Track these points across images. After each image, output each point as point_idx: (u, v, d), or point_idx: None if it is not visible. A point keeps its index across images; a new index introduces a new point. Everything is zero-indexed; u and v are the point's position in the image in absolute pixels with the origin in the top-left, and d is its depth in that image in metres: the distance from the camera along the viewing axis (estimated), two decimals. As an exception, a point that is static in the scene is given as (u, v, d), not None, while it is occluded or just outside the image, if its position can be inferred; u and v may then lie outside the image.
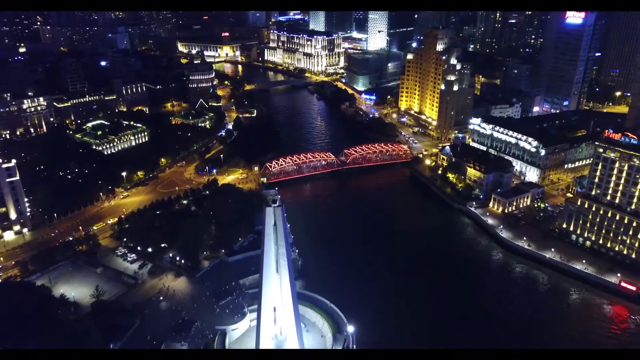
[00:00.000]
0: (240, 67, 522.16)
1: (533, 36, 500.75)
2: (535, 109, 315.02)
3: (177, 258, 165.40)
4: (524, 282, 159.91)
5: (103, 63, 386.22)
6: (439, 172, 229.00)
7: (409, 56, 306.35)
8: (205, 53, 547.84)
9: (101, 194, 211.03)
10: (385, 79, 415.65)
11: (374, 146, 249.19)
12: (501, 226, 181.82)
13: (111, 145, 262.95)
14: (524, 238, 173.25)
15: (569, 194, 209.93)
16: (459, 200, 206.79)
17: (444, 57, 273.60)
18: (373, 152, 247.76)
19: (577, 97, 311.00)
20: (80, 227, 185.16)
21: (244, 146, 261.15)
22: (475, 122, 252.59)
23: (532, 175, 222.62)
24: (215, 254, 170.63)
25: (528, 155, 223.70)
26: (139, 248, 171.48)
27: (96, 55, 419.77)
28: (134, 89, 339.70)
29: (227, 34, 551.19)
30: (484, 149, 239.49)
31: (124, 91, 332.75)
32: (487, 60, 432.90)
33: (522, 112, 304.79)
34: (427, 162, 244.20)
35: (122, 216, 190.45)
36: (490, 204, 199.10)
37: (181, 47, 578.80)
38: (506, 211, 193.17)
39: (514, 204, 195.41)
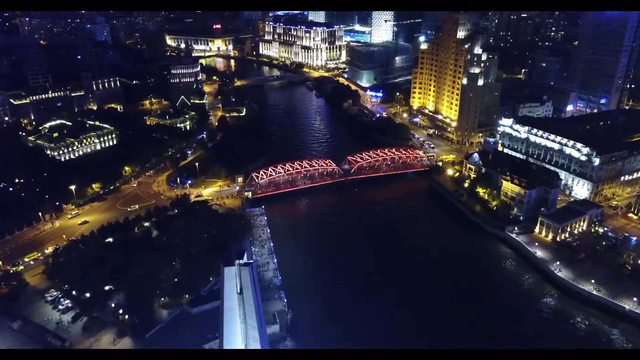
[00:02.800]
0: (233, 61, 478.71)
1: (553, 28, 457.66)
2: (569, 108, 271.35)
3: (123, 308, 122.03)
4: (598, 344, 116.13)
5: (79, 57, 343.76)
6: (466, 185, 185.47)
7: (423, 46, 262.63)
8: (196, 47, 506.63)
9: (40, 214, 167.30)
10: (392, 74, 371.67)
11: (384, 152, 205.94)
12: (557, 262, 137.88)
13: (69, 149, 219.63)
14: (592, 281, 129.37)
15: (631, 215, 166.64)
16: (493, 222, 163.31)
17: (466, 46, 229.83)
18: (383, 160, 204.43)
19: (618, 94, 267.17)
20: (0, 262, 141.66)
21: (228, 151, 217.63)
22: (505, 124, 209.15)
23: (581, 189, 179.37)
24: (177, 300, 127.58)
25: (576, 164, 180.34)
26: (74, 292, 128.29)
27: (73, 48, 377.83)
28: (106, 84, 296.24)
29: (219, 26, 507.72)
30: (519, 156, 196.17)
31: (94, 86, 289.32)
32: (504, 54, 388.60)
33: (553, 111, 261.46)
34: (449, 172, 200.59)
35: (60, 245, 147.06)
36: (537, 229, 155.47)
37: (170, 41, 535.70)
38: (558, 239, 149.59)
39: (567, 229, 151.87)
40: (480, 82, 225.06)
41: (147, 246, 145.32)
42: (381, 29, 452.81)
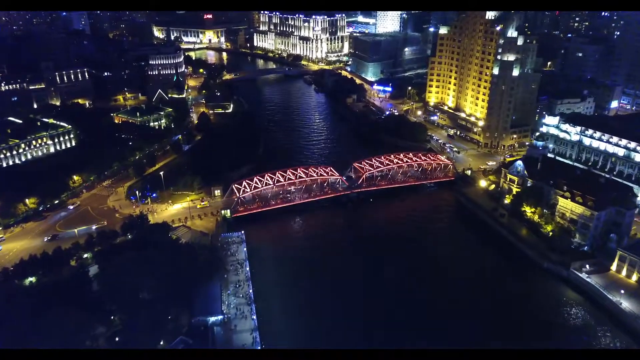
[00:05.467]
0: (225, 54, 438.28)
1: (577, 18, 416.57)
2: (613, 104, 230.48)
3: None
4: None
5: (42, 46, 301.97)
6: (506, 201, 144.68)
7: (443, 30, 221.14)
8: (185, 39, 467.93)
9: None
10: (400, 67, 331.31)
11: (398, 157, 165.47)
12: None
13: (13, 153, 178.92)
14: None
15: None
16: (550, 254, 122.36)
17: (497, 28, 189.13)
18: (398, 167, 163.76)
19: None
20: None
21: (206, 156, 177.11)
22: (550, 123, 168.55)
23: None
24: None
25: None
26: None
27: (40, 37, 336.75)
28: (72, 76, 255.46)
29: (210, 16, 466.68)
30: (568, 162, 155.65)
31: (57, 78, 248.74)
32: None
33: (595, 108, 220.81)
34: (482, 183, 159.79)
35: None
36: (614, 267, 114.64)
37: (157, 33, 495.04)
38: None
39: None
40: (516, 72, 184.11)
41: (79, 290, 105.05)
42: (387, 19, 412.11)
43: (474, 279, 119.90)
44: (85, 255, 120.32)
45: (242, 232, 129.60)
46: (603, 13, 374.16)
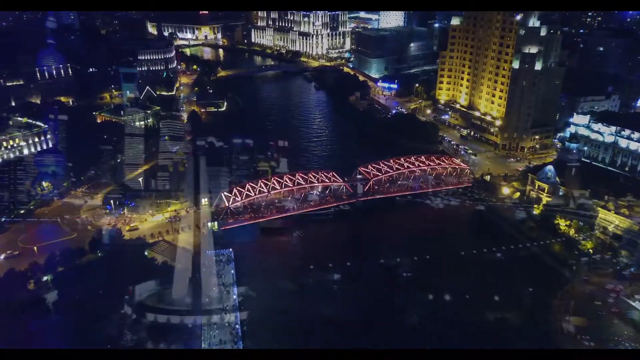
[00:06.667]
0: (221, 51, 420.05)
1: (590, 13, 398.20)
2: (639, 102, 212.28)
3: None
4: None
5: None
6: (536, 212, 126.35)
7: (455, 21, 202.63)
8: (180, 35, 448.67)
9: None
10: (406, 63, 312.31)
11: (409, 160, 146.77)
12: None
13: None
14: None
15: None
16: (592, 276, 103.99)
17: (517, 17, 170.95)
18: (409, 172, 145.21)
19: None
20: None
21: (194, 159, 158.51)
22: (580, 122, 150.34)
23: None
24: None
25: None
26: None
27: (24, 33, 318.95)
28: (54, 72, 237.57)
29: (206, 11, 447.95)
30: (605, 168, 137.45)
31: (37, 74, 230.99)
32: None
33: (619, 106, 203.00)
34: (505, 190, 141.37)
35: None
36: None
37: (152, 29, 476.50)
38: None
39: None
40: (538, 66, 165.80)
41: (32, 324, 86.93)
42: (390, 14, 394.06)
43: (506, 305, 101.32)
44: (45, 278, 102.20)
45: (230, 249, 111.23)
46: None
